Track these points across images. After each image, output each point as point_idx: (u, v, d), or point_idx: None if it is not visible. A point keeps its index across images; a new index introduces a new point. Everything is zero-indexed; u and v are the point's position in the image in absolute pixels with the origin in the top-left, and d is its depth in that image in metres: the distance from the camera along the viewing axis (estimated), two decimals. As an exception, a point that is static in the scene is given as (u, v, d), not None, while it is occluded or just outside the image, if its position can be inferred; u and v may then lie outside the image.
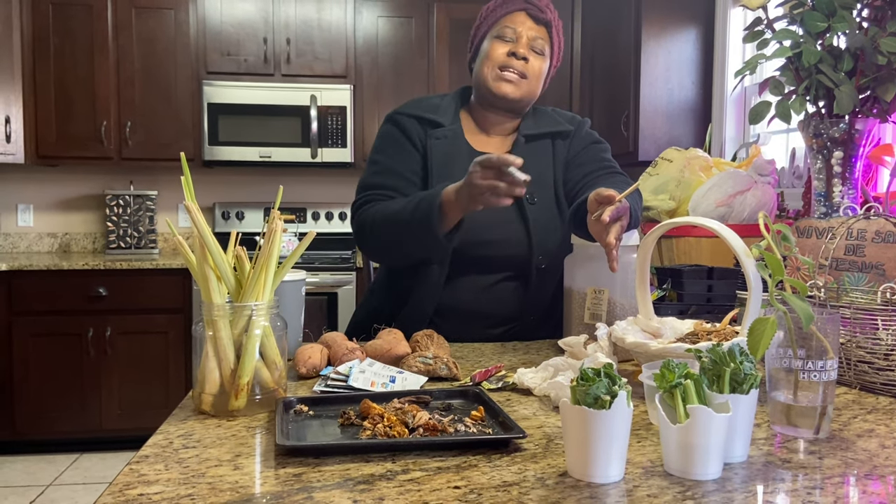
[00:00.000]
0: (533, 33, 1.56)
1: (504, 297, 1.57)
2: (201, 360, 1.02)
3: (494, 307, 1.57)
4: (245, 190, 4.40)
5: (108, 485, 0.75)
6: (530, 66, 1.56)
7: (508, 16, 1.57)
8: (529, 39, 1.56)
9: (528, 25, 1.56)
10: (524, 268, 1.56)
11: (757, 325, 0.88)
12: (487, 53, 1.57)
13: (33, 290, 3.63)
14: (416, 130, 1.60)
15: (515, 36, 1.56)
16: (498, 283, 1.57)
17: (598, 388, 0.75)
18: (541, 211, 1.57)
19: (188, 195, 1.04)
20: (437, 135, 1.58)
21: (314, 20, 4.07)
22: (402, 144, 1.60)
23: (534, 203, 1.57)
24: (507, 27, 1.56)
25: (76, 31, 3.89)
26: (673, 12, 3.28)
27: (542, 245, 1.55)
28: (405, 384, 1.14)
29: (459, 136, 1.61)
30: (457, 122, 1.62)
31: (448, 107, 1.64)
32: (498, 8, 1.59)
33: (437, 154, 1.57)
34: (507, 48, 1.55)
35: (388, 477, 0.78)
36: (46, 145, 3.92)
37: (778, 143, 2.96)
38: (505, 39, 1.56)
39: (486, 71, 1.56)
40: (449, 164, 1.55)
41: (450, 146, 1.58)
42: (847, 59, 1.47)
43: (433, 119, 1.60)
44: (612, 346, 1.17)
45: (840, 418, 1.00)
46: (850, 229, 1.25)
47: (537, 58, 1.57)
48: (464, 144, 1.60)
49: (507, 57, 1.55)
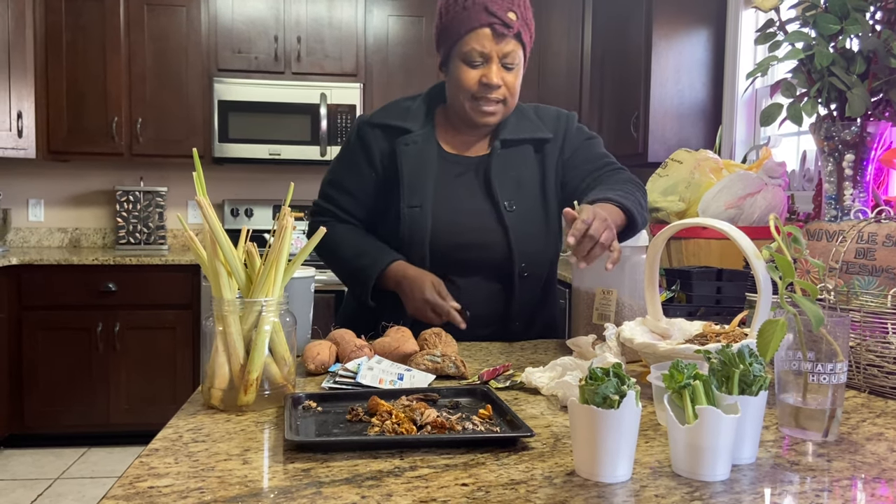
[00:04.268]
0: (501, 50, 1.43)
1: (487, 301, 1.54)
2: (211, 355, 1.03)
3: (478, 311, 1.51)
4: (254, 187, 4.42)
5: (118, 478, 0.76)
6: (506, 88, 1.46)
7: (472, 33, 1.42)
8: (500, 59, 1.43)
9: (494, 44, 1.42)
10: (506, 274, 1.53)
11: (767, 326, 0.88)
12: (458, 80, 1.46)
13: (43, 285, 3.65)
14: (378, 145, 1.55)
15: (484, 58, 1.43)
16: (479, 290, 1.53)
17: (606, 387, 0.75)
18: (520, 217, 1.52)
19: (200, 191, 1.05)
20: (405, 141, 1.53)
21: (325, 18, 4.08)
22: (359, 163, 1.56)
23: (512, 210, 1.52)
24: (474, 49, 1.42)
25: (88, 28, 3.91)
26: (684, 13, 3.27)
27: (524, 252, 1.52)
28: (413, 382, 1.14)
29: (430, 139, 1.55)
30: (428, 125, 1.55)
31: (419, 109, 1.57)
32: (460, 19, 1.43)
33: (407, 161, 1.52)
34: (478, 75, 1.44)
35: (395, 473, 0.79)
36: (58, 141, 3.94)
37: (789, 145, 2.94)
38: (473, 65, 1.44)
39: (461, 99, 1.47)
40: (419, 170, 1.52)
41: (420, 152, 1.53)
42: (859, 62, 1.46)
43: (401, 126, 1.54)
44: (620, 346, 1.17)
45: (849, 421, 1.00)
46: (860, 233, 1.25)
47: (510, 73, 1.46)
48: (434, 148, 1.55)
49: (481, 87, 1.44)
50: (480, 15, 1.42)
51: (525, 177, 1.56)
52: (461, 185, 1.54)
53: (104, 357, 3.71)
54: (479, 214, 1.52)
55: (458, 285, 1.51)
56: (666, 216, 2.30)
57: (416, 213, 1.50)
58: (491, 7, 1.41)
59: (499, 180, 1.53)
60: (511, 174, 1.54)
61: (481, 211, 1.52)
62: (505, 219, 1.51)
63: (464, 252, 1.51)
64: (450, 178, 1.54)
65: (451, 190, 1.53)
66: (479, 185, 1.54)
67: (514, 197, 1.53)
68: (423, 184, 1.51)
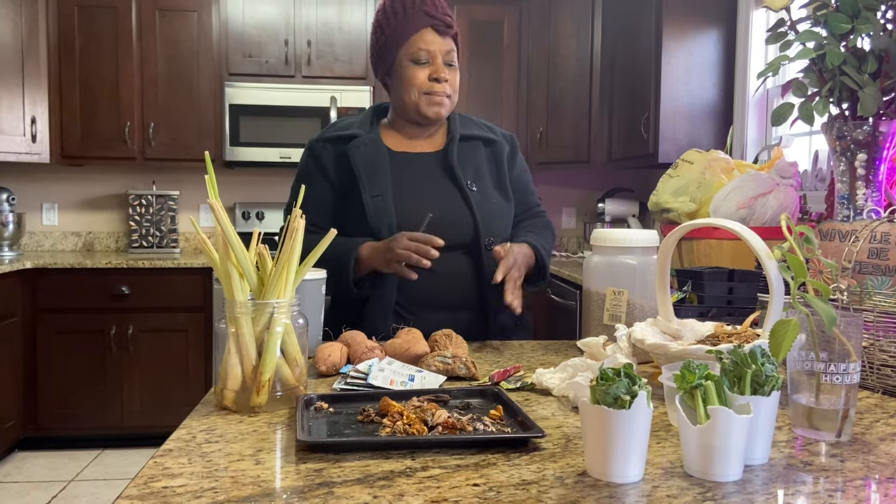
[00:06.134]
0: (444, 48, 1.60)
1: (459, 277, 1.60)
2: (223, 357, 1.04)
3: (452, 288, 1.59)
4: (265, 190, 4.44)
5: (133, 478, 0.76)
6: (450, 83, 1.62)
7: (416, 35, 1.58)
8: (443, 56, 1.60)
9: (438, 42, 1.59)
10: (474, 249, 1.61)
11: (779, 326, 0.87)
12: (408, 79, 1.60)
13: (57, 288, 3.68)
14: (329, 155, 1.65)
15: (430, 57, 1.59)
16: (450, 264, 1.58)
17: (618, 387, 0.75)
18: (482, 196, 1.64)
19: (212, 194, 1.06)
20: (356, 144, 1.63)
21: (335, 22, 4.10)
22: (314, 176, 1.66)
23: (474, 190, 1.64)
24: (420, 49, 1.58)
25: (101, 34, 3.95)
26: (694, 13, 3.26)
27: (488, 225, 1.62)
28: (424, 383, 1.15)
29: (378, 142, 1.65)
30: (374, 131, 1.67)
31: (363, 121, 1.69)
32: (403, 26, 1.59)
33: (361, 159, 1.62)
34: (426, 72, 1.59)
35: (407, 474, 0.79)
36: (71, 145, 3.98)
37: (801, 145, 2.93)
38: (420, 62, 1.59)
39: (413, 97, 1.60)
40: (374, 165, 1.61)
41: (370, 151, 1.63)
42: (871, 61, 1.45)
43: (348, 134, 1.66)
44: (631, 347, 1.17)
45: (862, 422, 1.00)
46: (873, 232, 1.24)
47: (453, 71, 1.62)
48: (384, 148, 1.65)
49: (430, 82, 1.59)
50: (421, 18, 1.58)
51: (480, 166, 1.69)
52: (418, 173, 1.65)
53: (117, 359, 3.74)
54: (443, 196, 1.61)
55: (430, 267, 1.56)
56: (677, 217, 2.29)
57: (378, 202, 1.58)
58: (430, 10, 1.59)
59: (460, 166, 1.65)
60: (469, 162, 1.68)
61: (444, 192, 1.62)
62: (469, 197, 1.62)
63: (433, 231, 1.56)
64: (405, 168, 1.64)
65: (409, 177, 1.63)
66: (440, 173, 1.65)
67: (474, 180, 1.65)
68: (380, 176, 1.61)
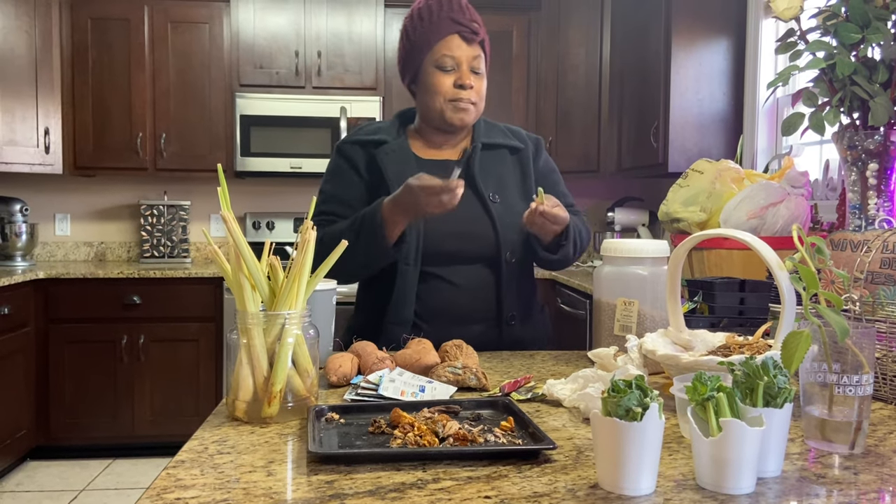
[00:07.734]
0: (470, 55, 1.58)
1: (478, 292, 1.60)
2: (235, 368, 1.04)
3: (471, 303, 1.59)
4: (276, 200, 4.46)
5: (145, 489, 0.77)
6: (476, 90, 1.60)
7: (442, 41, 1.57)
8: (469, 64, 1.58)
9: (464, 49, 1.57)
10: (494, 262, 1.60)
11: (791, 338, 0.87)
12: (434, 87, 1.59)
13: (69, 298, 3.71)
14: (360, 157, 1.65)
15: (455, 64, 1.58)
16: (471, 279, 1.60)
17: (629, 399, 0.75)
18: (504, 209, 1.62)
19: (224, 205, 1.07)
20: (384, 150, 1.63)
21: (345, 33, 4.12)
22: (346, 173, 1.65)
23: (496, 202, 1.63)
24: (445, 56, 1.57)
25: (114, 45, 3.99)
26: (703, 22, 3.26)
27: (509, 240, 1.61)
28: (435, 394, 1.15)
29: (406, 148, 1.65)
30: (402, 137, 1.67)
31: (391, 127, 1.69)
32: (429, 33, 1.58)
33: (389, 164, 1.61)
34: (451, 79, 1.58)
35: (418, 486, 0.79)
36: (84, 156, 4.02)
37: (811, 154, 2.92)
38: (446, 69, 1.58)
39: (438, 104, 1.59)
40: (401, 171, 1.60)
41: (398, 157, 1.63)
42: (882, 71, 1.45)
43: (376, 139, 1.65)
44: (642, 358, 1.17)
45: (875, 433, 0.99)
46: (885, 242, 1.23)
47: (479, 78, 1.61)
48: (411, 154, 1.65)
49: (455, 89, 1.58)
50: (448, 24, 1.57)
51: (505, 175, 1.67)
52: None
53: (129, 369, 3.76)
54: (467, 206, 1.59)
55: (450, 277, 1.58)
56: (687, 227, 2.29)
57: None
58: (456, 17, 1.57)
59: (482, 176, 1.64)
60: (492, 172, 1.66)
61: (468, 203, 1.60)
62: (490, 209, 1.61)
63: (454, 242, 1.59)
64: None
65: None
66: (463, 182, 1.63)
67: (497, 191, 1.64)
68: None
